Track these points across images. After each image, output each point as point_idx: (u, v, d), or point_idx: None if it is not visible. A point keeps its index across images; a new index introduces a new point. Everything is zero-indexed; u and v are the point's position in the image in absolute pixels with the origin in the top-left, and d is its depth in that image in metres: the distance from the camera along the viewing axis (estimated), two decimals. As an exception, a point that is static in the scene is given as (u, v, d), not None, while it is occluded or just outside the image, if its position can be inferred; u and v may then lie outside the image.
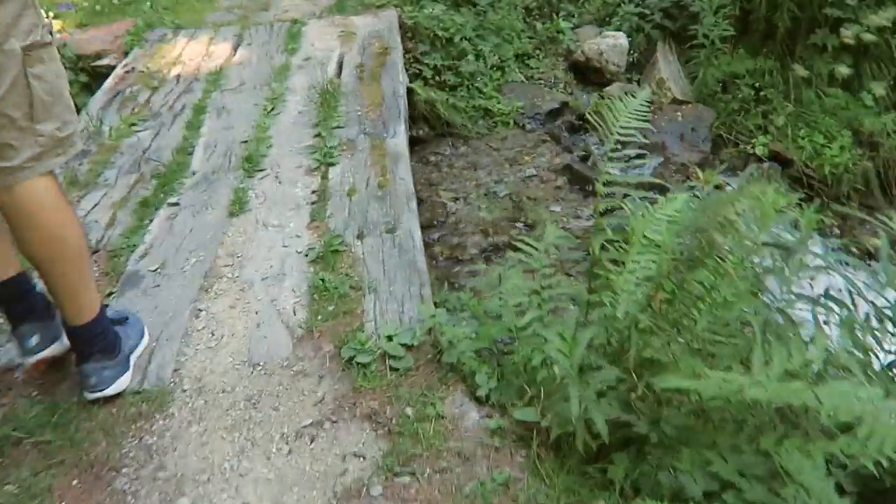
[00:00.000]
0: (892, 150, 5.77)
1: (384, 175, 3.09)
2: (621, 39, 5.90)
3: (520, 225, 4.39)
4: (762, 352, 1.59)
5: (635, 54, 6.03)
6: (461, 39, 5.46)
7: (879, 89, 5.65)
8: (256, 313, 2.44)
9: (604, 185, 2.10)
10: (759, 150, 5.63)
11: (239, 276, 2.62)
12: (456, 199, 4.63)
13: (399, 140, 3.44)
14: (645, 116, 2.16)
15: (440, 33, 5.40)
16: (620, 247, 1.95)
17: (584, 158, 5.03)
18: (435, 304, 2.49)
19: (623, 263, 1.91)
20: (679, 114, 5.64)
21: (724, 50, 5.89)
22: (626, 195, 2.13)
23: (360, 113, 3.77)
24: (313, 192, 3.05)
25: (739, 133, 5.87)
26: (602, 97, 5.66)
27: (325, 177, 3.17)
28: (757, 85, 5.86)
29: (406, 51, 5.18)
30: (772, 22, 5.85)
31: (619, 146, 2.11)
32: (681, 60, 6.15)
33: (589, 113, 5.29)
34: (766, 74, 5.94)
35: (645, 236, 1.89)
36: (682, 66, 6.13)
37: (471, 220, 4.44)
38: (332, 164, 3.24)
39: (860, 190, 5.67)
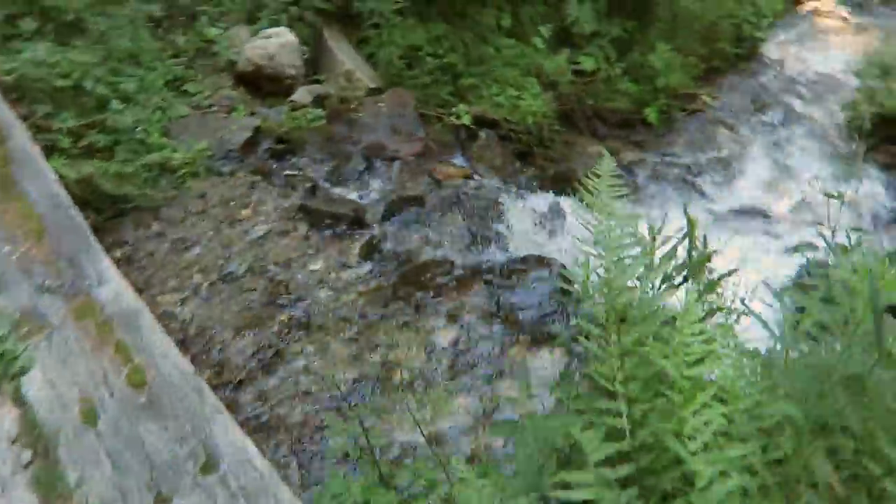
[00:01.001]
0: (568, 85, 5.99)
1: (128, 360, 1.89)
2: (287, 36, 5.02)
3: (284, 301, 3.41)
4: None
5: (308, 50, 5.20)
6: (93, 83, 4.03)
7: (547, 32, 5.74)
8: None
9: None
10: (465, 120, 5.34)
11: None
12: (183, 301, 3.43)
13: (113, 284, 2.19)
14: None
15: (60, 83, 3.90)
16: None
17: (313, 190, 4.16)
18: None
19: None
20: (381, 105, 5.04)
21: (396, 24, 5.39)
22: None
23: (14, 257, 2.34)
24: (13, 442, 1.73)
25: (439, 106, 5.52)
26: (293, 109, 4.77)
27: (20, 401, 1.83)
28: (440, 52, 5.52)
29: (21, 119, 3.61)
30: (433, -16, 5.52)
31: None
32: (355, 45, 5.52)
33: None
34: (443, 39, 5.63)
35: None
36: (357, 51, 5.50)
37: (219, 321, 3.32)
38: (23, 373, 1.89)
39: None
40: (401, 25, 5.37)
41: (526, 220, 4.30)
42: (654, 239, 1.72)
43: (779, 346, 1.62)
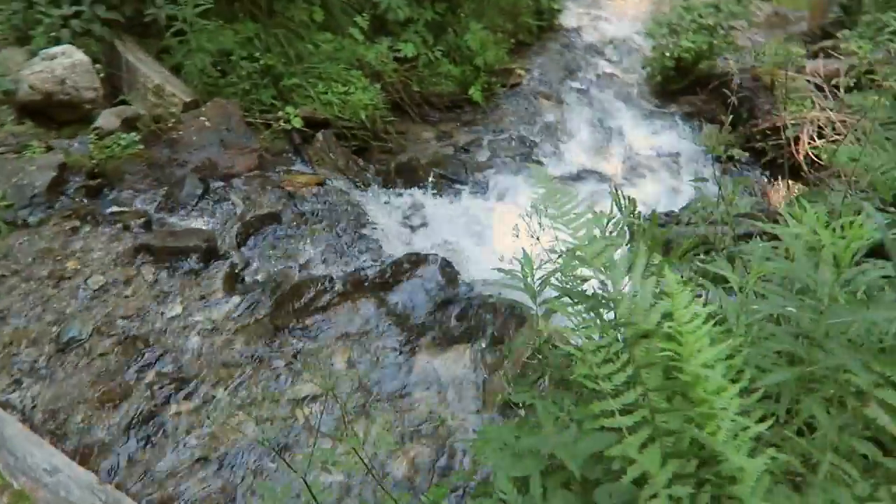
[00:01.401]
0: (393, 74, 5.87)
1: (5, 487, 1.45)
2: (76, 55, 4.33)
3: (147, 358, 2.95)
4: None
5: (103, 68, 4.53)
6: None
7: (364, 22, 5.54)
8: None
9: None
10: (296, 123, 5.01)
11: None
12: (16, 385, 2.85)
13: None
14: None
15: None
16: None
17: (148, 225, 3.65)
18: None
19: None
20: (203, 119, 4.56)
21: (201, 28, 4.88)
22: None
23: None
24: None
25: (264, 112, 5.13)
26: (100, 136, 4.15)
27: None
28: (255, 55, 5.12)
29: None
30: (233, -18, 5.08)
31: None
32: (156, 57, 4.93)
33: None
34: (256, 40, 5.23)
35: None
36: (160, 64, 4.92)
37: (71, 398, 2.80)
38: None
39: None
40: (207, 30, 4.88)
41: (388, 219, 4.13)
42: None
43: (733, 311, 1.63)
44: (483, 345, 3.04)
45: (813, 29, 7.10)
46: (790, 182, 4.97)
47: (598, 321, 1.51)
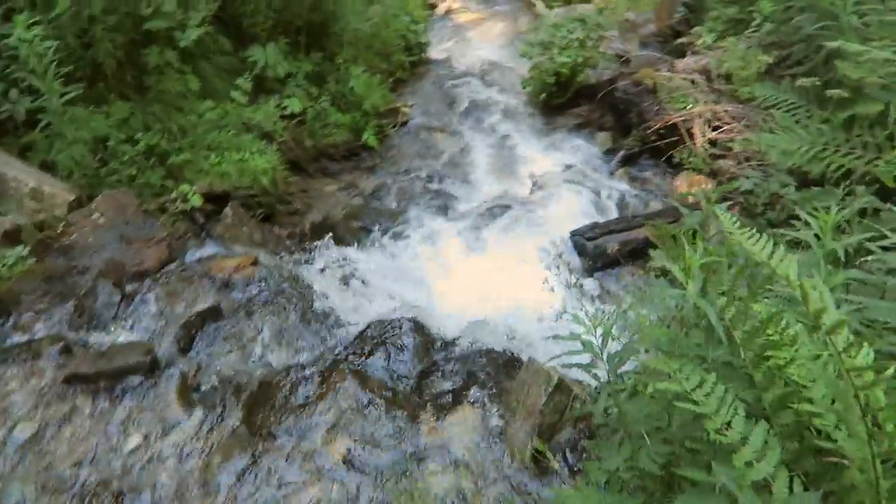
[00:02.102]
0: (284, 132, 5.59)
1: None
2: (-72, 170, 3.72)
3: (114, 511, 2.52)
4: None
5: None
6: None
7: (246, 84, 5.24)
8: None
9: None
10: (195, 201, 4.62)
11: None
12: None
13: None
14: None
15: None
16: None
17: (68, 350, 3.16)
18: None
19: None
20: (96, 216, 4.07)
21: (69, 118, 4.38)
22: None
23: None
24: None
25: (157, 196, 4.68)
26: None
27: None
28: (135, 136, 4.67)
29: None
30: (98, 63, 4.61)
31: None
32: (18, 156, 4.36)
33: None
34: (132, 120, 4.78)
35: None
36: (25, 163, 4.35)
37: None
38: None
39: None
40: (76, 118, 4.39)
41: (330, 285, 3.87)
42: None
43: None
44: (485, 400, 2.88)
45: (662, 30, 7.60)
46: (693, 172, 5.25)
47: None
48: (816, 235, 1.79)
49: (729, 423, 1.44)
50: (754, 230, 1.34)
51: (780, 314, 1.48)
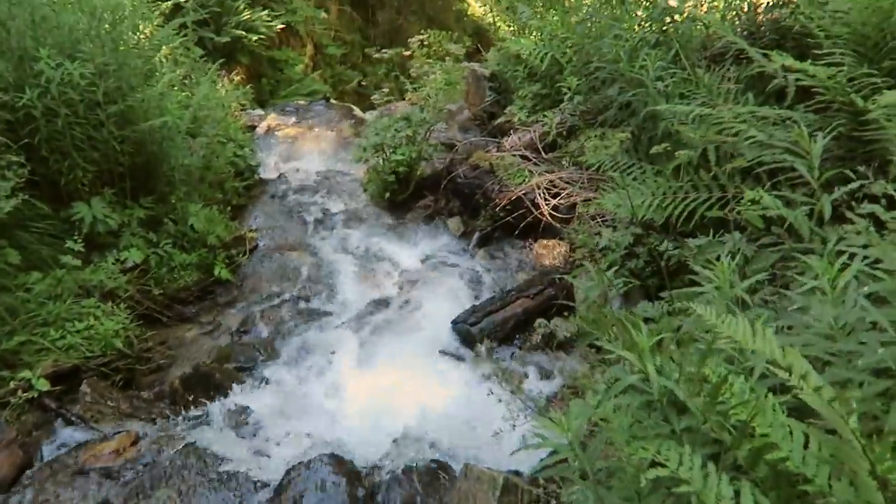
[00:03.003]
0: (128, 286, 5.16)
1: None
2: None
3: None
4: None
5: None
6: None
7: (77, 246, 4.80)
8: None
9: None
10: (40, 386, 4.09)
11: None
12: None
13: None
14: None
15: None
16: None
17: None
18: None
19: None
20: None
21: None
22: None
23: None
24: None
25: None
26: None
27: None
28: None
29: None
30: None
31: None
32: None
33: None
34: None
35: None
36: None
37: None
38: None
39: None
40: None
41: (229, 444, 3.53)
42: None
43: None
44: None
45: (477, 114, 8.16)
46: (545, 239, 5.56)
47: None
48: (717, 287, 1.95)
49: (719, 494, 1.47)
50: (727, 315, 1.42)
51: (727, 376, 1.56)
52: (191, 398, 4.27)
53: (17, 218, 4.79)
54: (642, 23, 5.34)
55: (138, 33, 6.23)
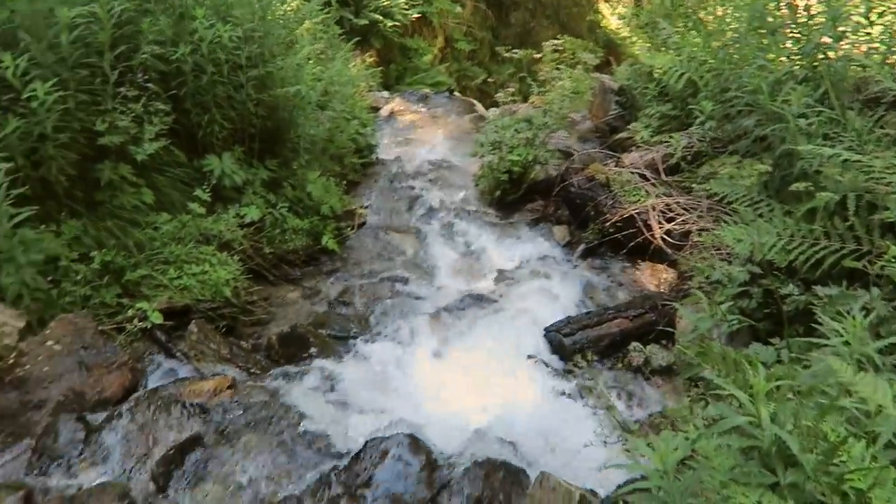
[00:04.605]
0: (243, 240, 5.45)
1: None
2: None
3: None
4: None
5: None
6: None
7: (205, 195, 5.12)
8: None
9: None
10: (154, 318, 4.39)
11: None
12: None
13: None
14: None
15: None
16: None
17: (28, 498, 2.84)
18: None
19: None
20: (51, 343, 3.78)
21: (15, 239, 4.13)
22: None
23: None
24: None
25: (112, 315, 4.42)
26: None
27: None
28: (88, 254, 4.45)
29: None
30: (47, 181, 4.43)
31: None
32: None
33: None
34: (84, 238, 4.57)
35: None
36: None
37: None
38: None
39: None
40: (24, 240, 4.14)
41: (315, 405, 3.67)
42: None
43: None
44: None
45: (599, 126, 8.02)
46: (653, 262, 5.41)
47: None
48: (846, 342, 1.84)
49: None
50: (862, 372, 1.34)
51: (847, 437, 1.47)
52: (285, 355, 4.47)
53: (157, 161, 5.16)
54: (791, 56, 5.06)
55: (285, 5, 6.56)
